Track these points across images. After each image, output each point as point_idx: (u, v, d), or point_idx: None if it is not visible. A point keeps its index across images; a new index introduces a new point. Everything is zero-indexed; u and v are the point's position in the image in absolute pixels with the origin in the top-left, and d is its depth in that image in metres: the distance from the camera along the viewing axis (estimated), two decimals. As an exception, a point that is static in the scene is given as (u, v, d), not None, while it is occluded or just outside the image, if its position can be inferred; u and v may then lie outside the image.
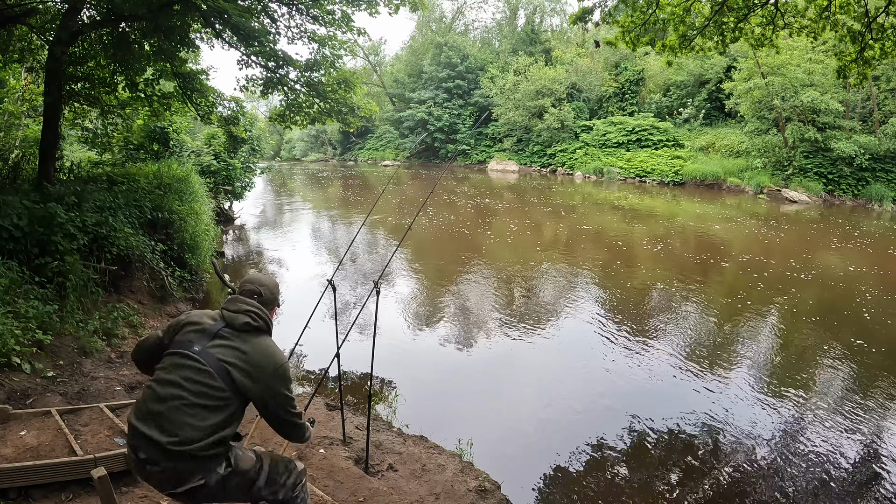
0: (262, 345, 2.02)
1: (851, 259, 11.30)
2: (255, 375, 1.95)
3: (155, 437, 1.83)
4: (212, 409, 1.89)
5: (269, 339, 2.10)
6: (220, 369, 1.92)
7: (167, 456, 1.84)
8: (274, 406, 2.02)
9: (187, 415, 1.86)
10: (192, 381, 1.89)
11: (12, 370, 4.07)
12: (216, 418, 1.89)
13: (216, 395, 1.90)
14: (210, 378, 1.90)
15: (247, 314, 2.05)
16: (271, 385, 1.98)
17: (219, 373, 1.91)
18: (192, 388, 1.88)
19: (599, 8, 6.26)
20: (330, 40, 7.97)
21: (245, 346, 1.99)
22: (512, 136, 35.72)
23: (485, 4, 67.75)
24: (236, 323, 2.02)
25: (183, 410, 1.86)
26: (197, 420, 1.86)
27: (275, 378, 1.99)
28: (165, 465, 1.85)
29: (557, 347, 6.55)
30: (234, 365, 1.94)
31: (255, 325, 2.05)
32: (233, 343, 1.98)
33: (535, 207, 18.48)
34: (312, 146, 55.55)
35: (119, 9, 6.22)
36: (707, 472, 4.15)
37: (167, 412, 1.86)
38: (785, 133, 22.07)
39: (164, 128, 11.06)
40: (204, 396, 1.88)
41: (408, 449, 3.92)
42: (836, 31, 5.83)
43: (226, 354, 1.95)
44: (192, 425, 1.85)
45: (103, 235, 5.94)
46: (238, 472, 2.01)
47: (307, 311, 4.26)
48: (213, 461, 1.93)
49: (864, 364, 6.05)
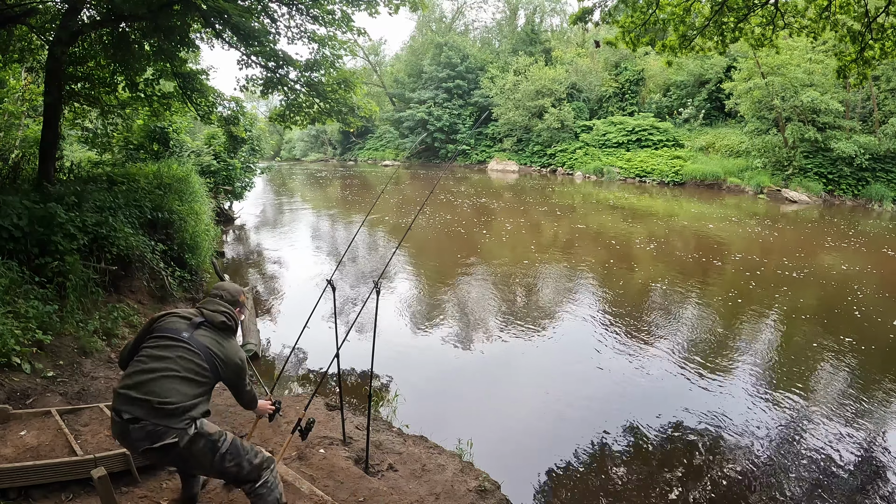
0: (232, 344, 2.54)
1: (850, 259, 11.30)
2: (226, 365, 2.47)
3: (144, 398, 2.21)
4: (196, 384, 2.33)
5: (234, 339, 2.61)
6: (207, 354, 2.40)
7: (153, 413, 2.20)
8: (238, 386, 2.62)
9: (175, 383, 2.27)
10: (183, 359, 2.33)
11: (12, 370, 4.07)
12: (197, 390, 2.33)
13: (201, 372, 2.36)
14: (198, 359, 2.36)
15: (223, 314, 2.55)
16: (236, 374, 2.54)
17: (206, 357, 2.39)
18: (183, 365, 2.32)
19: (599, 8, 6.26)
20: (330, 40, 7.97)
21: (222, 341, 2.49)
22: (512, 136, 35.71)
23: (485, 4, 67.78)
24: (215, 321, 2.51)
25: (172, 380, 2.28)
26: (183, 389, 2.28)
27: (239, 369, 2.54)
28: (146, 423, 2.19)
29: (557, 347, 6.55)
30: (216, 354, 2.43)
31: (228, 325, 2.55)
32: (213, 337, 2.47)
33: (535, 207, 18.48)
34: (312, 146, 55.53)
35: (119, 9, 6.22)
36: (706, 471, 4.15)
37: (157, 380, 2.26)
38: (785, 133, 22.07)
39: (164, 128, 11.06)
40: (191, 372, 2.33)
41: (408, 449, 3.92)
42: (836, 31, 5.83)
43: (210, 344, 2.43)
44: (179, 392, 2.26)
45: (103, 235, 5.94)
46: (202, 434, 2.32)
47: (307, 311, 4.26)
48: (187, 425, 2.27)
49: (863, 364, 6.06)
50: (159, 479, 3.11)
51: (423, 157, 42.46)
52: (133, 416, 2.19)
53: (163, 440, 2.20)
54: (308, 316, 4.20)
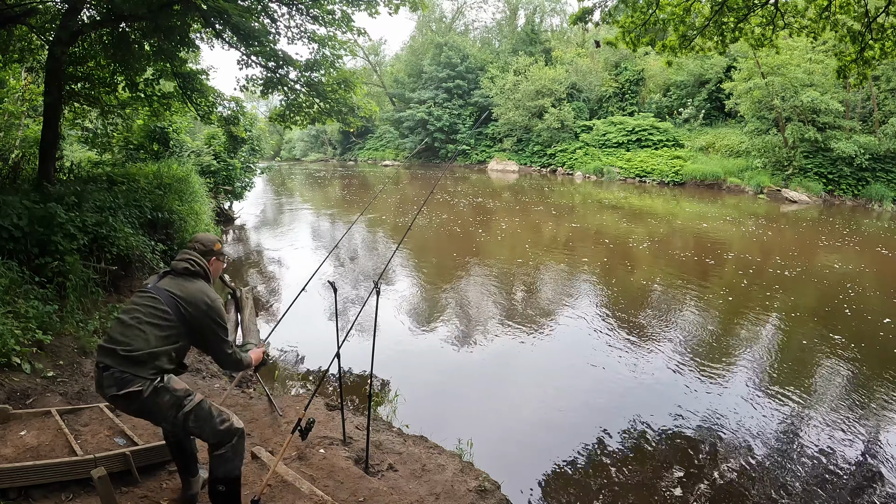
0: (196, 285, 2.52)
1: (850, 259, 11.30)
2: (191, 307, 2.45)
3: (111, 347, 2.34)
4: (159, 327, 2.39)
5: (204, 283, 2.58)
6: (167, 298, 2.44)
7: (120, 361, 2.32)
8: (209, 334, 2.51)
9: (139, 329, 2.36)
10: (145, 305, 2.43)
11: (12, 370, 4.07)
12: (161, 333, 2.39)
13: (163, 316, 2.41)
14: (159, 303, 2.43)
15: (186, 261, 2.57)
16: (203, 317, 2.47)
17: (166, 301, 2.43)
18: (145, 311, 2.41)
19: (599, 8, 6.26)
20: (330, 40, 7.98)
21: (185, 284, 2.51)
22: (512, 136, 35.71)
23: (485, 4, 67.78)
24: (178, 268, 2.55)
25: (137, 327, 2.37)
26: (147, 335, 2.36)
27: (207, 310, 2.48)
28: (115, 370, 2.31)
29: (557, 347, 6.55)
30: (177, 296, 2.45)
31: (192, 270, 2.56)
32: (176, 282, 2.51)
33: (535, 207, 18.48)
34: (312, 146, 55.52)
35: (119, 9, 6.22)
36: (707, 471, 4.15)
37: (125, 330, 2.38)
38: (785, 133, 22.07)
39: (164, 128, 11.07)
40: (154, 317, 2.40)
41: (408, 449, 3.92)
42: (836, 31, 5.83)
43: (171, 287, 2.48)
44: (142, 338, 2.35)
45: (103, 235, 5.94)
46: (168, 388, 2.38)
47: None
48: (153, 373, 2.35)
49: (863, 364, 6.06)
50: (159, 479, 3.11)
51: (423, 157, 42.46)
52: (104, 364, 2.33)
53: (128, 387, 2.29)
54: (294, 298, 4.20)
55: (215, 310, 2.50)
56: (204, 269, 2.60)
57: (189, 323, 2.45)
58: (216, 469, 2.49)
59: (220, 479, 2.50)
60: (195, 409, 2.43)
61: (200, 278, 2.57)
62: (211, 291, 2.55)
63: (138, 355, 2.32)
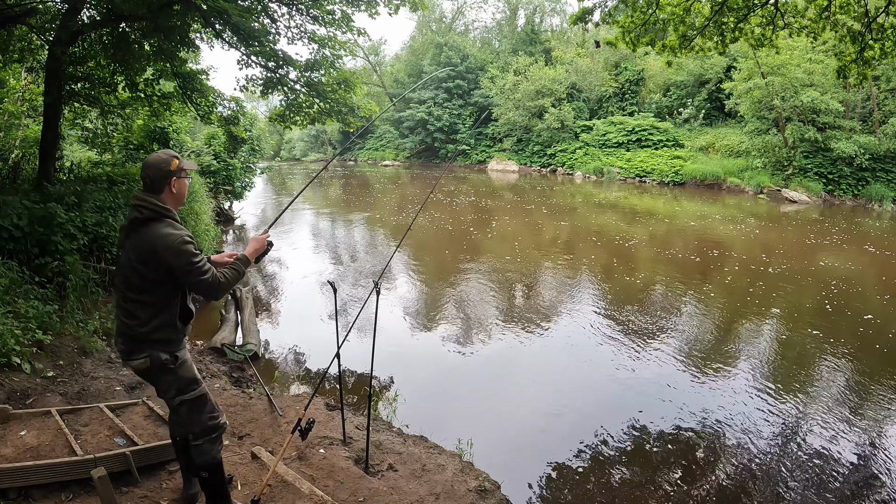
0: (149, 233, 2.29)
1: (850, 259, 11.30)
2: (153, 258, 2.27)
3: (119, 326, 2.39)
4: (142, 291, 2.31)
5: (158, 225, 2.30)
6: (128, 264, 2.32)
7: (124, 339, 2.38)
8: (183, 275, 2.31)
9: (130, 305, 2.34)
10: (125, 276, 2.35)
11: (12, 370, 4.07)
12: (149, 299, 2.32)
13: (138, 284, 2.31)
14: (129, 266, 2.32)
15: (135, 209, 2.33)
16: (169, 260, 2.27)
17: (130, 269, 2.31)
18: (126, 282, 2.35)
19: (599, 8, 6.27)
20: (330, 41, 7.97)
21: (138, 237, 2.30)
22: (512, 136, 35.70)
23: (485, 4, 67.65)
24: (129, 220, 2.35)
25: (124, 304, 2.36)
26: (139, 308, 2.32)
27: (168, 254, 2.26)
28: (123, 343, 2.39)
29: (557, 347, 6.55)
30: (137, 258, 2.29)
31: (141, 218, 2.31)
32: (130, 239, 2.33)
33: (535, 207, 18.48)
34: (312, 146, 55.50)
35: (119, 9, 6.22)
36: (707, 472, 4.15)
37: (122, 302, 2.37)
38: (785, 133, 22.07)
39: (164, 128, 11.07)
40: (132, 290, 2.33)
41: (408, 449, 3.92)
42: (836, 31, 5.83)
43: (128, 251, 2.33)
44: (132, 313, 2.33)
45: (103, 235, 5.94)
46: (180, 377, 2.45)
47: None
48: (153, 347, 2.36)
49: (863, 364, 6.06)
50: (159, 479, 3.11)
51: (423, 157, 42.45)
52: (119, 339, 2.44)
53: (134, 357, 2.37)
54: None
55: (176, 249, 2.26)
56: (156, 209, 2.31)
57: (164, 268, 2.28)
58: (197, 458, 2.52)
59: (202, 466, 2.53)
60: (195, 404, 2.49)
61: (154, 221, 2.31)
62: (169, 232, 2.29)
63: (139, 333, 2.36)
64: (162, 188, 2.37)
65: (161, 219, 2.32)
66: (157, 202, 2.33)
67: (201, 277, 2.30)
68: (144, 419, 3.75)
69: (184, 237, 2.30)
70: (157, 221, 2.31)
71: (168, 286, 2.35)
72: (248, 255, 2.57)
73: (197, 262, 2.30)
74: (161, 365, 2.37)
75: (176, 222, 2.36)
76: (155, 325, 2.33)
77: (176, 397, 2.45)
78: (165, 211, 2.34)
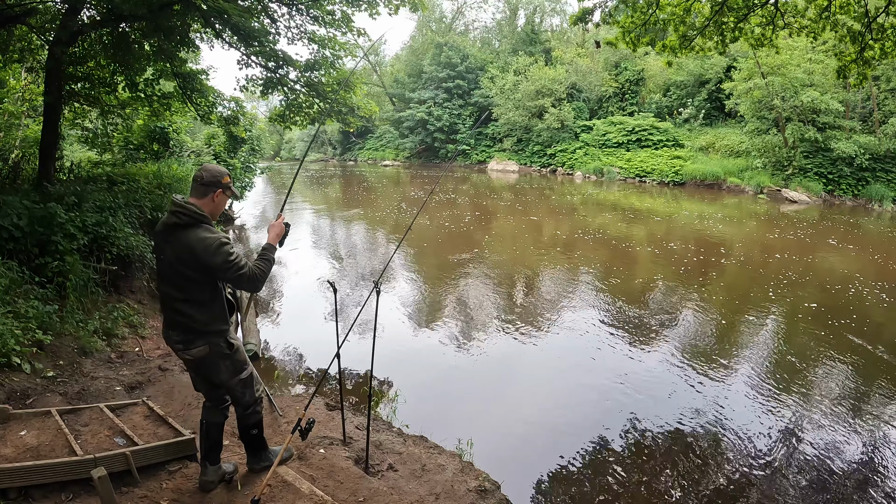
0: (188, 237, 2.47)
1: (850, 258, 11.30)
2: (194, 260, 2.47)
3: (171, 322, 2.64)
4: (188, 290, 2.52)
5: (195, 229, 2.49)
6: (170, 267, 2.52)
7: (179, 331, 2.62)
8: (222, 273, 2.52)
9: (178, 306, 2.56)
10: (167, 280, 2.57)
11: (12, 370, 4.07)
12: (197, 297, 2.54)
13: (183, 284, 2.51)
14: (173, 274, 2.53)
15: (173, 214, 2.50)
16: (209, 259, 2.47)
17: (173, 271, 2.51)
18: (168, 286, 2.58)
19: (600, 8, 6.27)
20: (330, 41, 7.96)
21: (178, 242, 2.48)
22: (512, 136, 35.70)
23: (485, 4, 67.42)
24: (166, 224, 2.53)
25: (174, 304, 2.57)
26: (186, 306, 2.55)
27: (207, 255, 2.46)
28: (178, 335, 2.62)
29: (557, 347, 6.55)
30: (178, 260, 2.49)
31: (180, 224, 2.49)
32: (170, 243, 2.51)
33: (535, 207, 18.48)
34: (312, 146, 55.51)
35: (119, 9, 6.22)
36: (707, 472, 4.15)
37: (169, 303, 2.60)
38: (785, 133, 22.06)
39: (164, 128, 11.07)
40: (179, 290, 2.53)
41: (408, 449, 3.92)
42: (836, 31, 5.83)
43: (169, 254, 2.52)
44: (183, 311, 2.56)
45: (103, 235, 5.94)
46: (236, 360, 2.76)
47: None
48: (211, 337, 2.62)
49: (863, 364, 6.06)
50: (159, 479, 3.11)
51: (424, 158, 42.45)
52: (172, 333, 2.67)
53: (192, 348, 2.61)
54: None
55: (215, 250, 2.46)
56: (193, 215, 2.50)
57: (204, 268, 2.49)
58: (248, 421, 2.95)
59: (252, 426, 2.97)
60: (246, 380, 2.84)
61: (191, 227, 2.49)
62: (207, 235, 2.48)
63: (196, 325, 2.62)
64: (208, 193, 2.58)
65: (199, 224, 2.51)
66: (196, 209, 2.52)
67: (239, 273, 2.51)
68: (144, 419, 3.75)
69: (220, 239, 2.50)
70: (195, 226, 2.50)
71: (211, 283, 2.57)
72: (271, 243, 2.76)
73: (233, 259, 2.49)
74: (219, 352, 2.66)
75: (211, 227, 2.55)
76: (208, 317, 2.59)
77: (233, 378, 2.76)
78: (202, 217, 2.53)
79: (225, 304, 2.68)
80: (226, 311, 2.69)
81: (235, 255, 2.51)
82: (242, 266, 2.52)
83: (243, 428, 3.01)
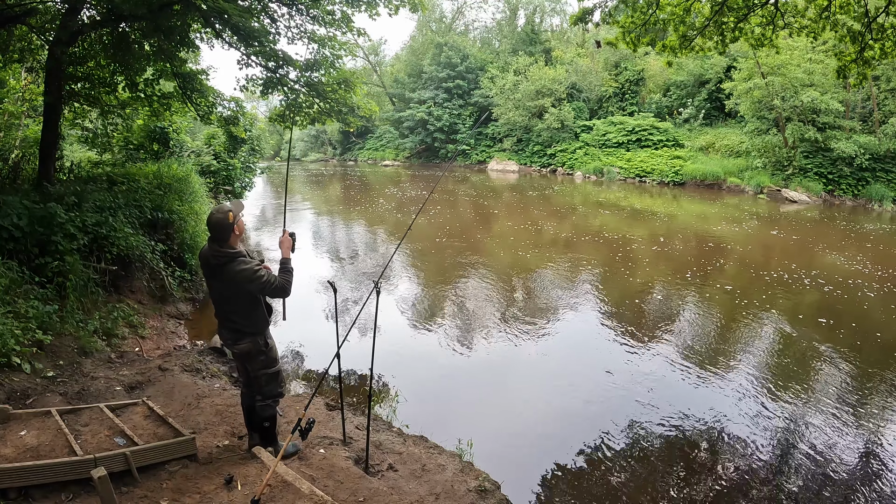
0: (229, 272, 3.11)
1: (850, 258, 11.30)
2: (237, 287, 3.13)
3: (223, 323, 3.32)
4: (236, 304, 3.21)
5: (233, 264, 3.10)
6: (221, 293, 3.22)
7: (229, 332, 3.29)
8: (259, 291, 3.20)
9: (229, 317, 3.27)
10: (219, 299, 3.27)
11: (12, 370, 4.07)
12: (243, 308, 3.22)
13: (232, 300, 3.21)
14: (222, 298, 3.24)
15: (213, 257, 3.13)
16: (247, 285, 3.13)
17: (223, 296, 3.22)
18: (220, 302, 3.27)
19: (600, 8, 6.26)
20: (330, 41, 7.96)
21: (223, 276, 3.14)
22: (512, 136, 35.69)
23: (485, 4, 67.51)
24: (209, 266, 3.18)
25: (226, 315, 3.27)
26: (234, 315, 3.25)
27: (246, 282, 3.12)
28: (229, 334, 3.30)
29: (557, 347, 6.54)
30: (225, 288, 3.18)
31: (219, 264, 3.12)
32: (216, 277, 3.18)
33: (535, 207, 18.47)
34: (312, 146, 55.49)
35: (119, 9, 6.22)
36: (707, 472, 4.15)
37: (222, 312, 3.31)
38: (785, 133, 22.06)
39: (164, 128, 11.06)
40: (228, 305, 3.24)
41: (408, 449, 3.92)
42: (836, 31, 5.83)
43: (218, 283, 3.19)
44: (232, 319, 3.25)
45: (103, 235, 5.94)
46: (269, 357, 3.36)
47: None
48: (253, 336, 3.26)
49: (863, 364, 6.06)
50: (159, 479, 3.11)
51: (424, 157, 42.44)
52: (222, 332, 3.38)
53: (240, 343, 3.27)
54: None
55: (249, 277, 3.09)
56: (224, 256, 3.10)
57: (246, 294, 3.18)
58: (262, 413, 3.38)
59: (266, 418, 3.40)
60: (271, 376, 3.36)
61: (228, 263, 3.10)
62: (241, 268, 3.09)
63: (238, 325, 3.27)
64: (228, 237, 3.12)
65: (234, 259, 3.12)
66: (228, 250, 3.12)
67: (272, 288, 3.17)
68: (144, 419, 3.75)
69: (253, 267, 3.12)
70: (232, 262, 3.11)
71: (252, 297, 3.22)
72: (286, 257, 3.30)
73: (265, 280, 3.13)
74: (258, 348, 3.27)
75: (243, 258, 3.16)
76: (251, 321, 3.24)
77: (261, 370, 3.31)
78: (235, 254, 3.13)
79: (264, 310, 3.33)
80: (265, 317, 3.34)
81: (266, 276, 3.14)
82: (273, 282, 3.17)
83: (258, 418, 3.41)
